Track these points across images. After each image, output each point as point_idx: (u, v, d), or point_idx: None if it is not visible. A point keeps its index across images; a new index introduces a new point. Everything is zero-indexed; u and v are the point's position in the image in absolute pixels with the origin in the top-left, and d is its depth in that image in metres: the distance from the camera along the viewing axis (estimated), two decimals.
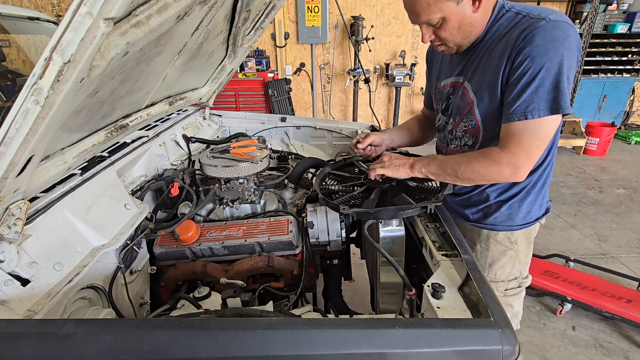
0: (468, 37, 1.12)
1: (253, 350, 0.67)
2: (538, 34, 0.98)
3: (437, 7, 1.02)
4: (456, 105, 1.26)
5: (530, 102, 1.00)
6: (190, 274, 1.31)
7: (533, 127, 1.01)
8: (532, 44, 0.99)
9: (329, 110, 6.32)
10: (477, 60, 1.16)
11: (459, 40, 1.12)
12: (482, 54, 1.14)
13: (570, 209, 3.93)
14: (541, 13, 1.02)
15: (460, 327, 0.71)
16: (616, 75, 6.08)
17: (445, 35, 1.10)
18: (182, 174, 1.52)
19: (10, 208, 0.82)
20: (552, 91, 0.98)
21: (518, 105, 1.02)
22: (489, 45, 1.12)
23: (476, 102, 1.17)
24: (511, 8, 1.10)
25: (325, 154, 2.31)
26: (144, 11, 0.81)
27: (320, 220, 1.38)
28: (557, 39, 0.97)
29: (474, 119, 1.20)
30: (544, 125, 1.02)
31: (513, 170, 1.06)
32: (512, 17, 1.08)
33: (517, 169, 1.05)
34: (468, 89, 1.20)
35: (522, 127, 1.02)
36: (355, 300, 2.47)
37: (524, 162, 1.04)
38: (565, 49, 0.97)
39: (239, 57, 1.96)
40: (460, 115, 1.25)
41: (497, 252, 1.35)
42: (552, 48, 0.97)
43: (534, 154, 1.05)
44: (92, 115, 1.11)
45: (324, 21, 5.56)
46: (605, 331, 2.34)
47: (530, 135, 1.02)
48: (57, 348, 0.68)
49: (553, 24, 0.98)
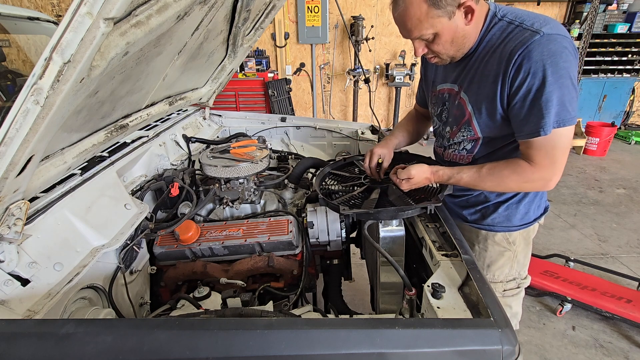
0: (461, 49, 1.11)
1: (253, 350, 0.67)
2: (534, 49, 0.98)
3: (429, 23, 1.00)
4: (452, 113, 1.26)
5: (541, 117, 1.00)
6: (190, 274, 1.31)
7: (553, 140, 1.02)
8: (531, 60, 0.98)
9: (329, 110, 6.32)
10: (472, 70, 1.15)
11: (452, 53, 1.12)
12: (477, 65, 1.13)
13: (570, 209, 3.93)
14: (534, 24, 1.01)
15: (460, 327, 0.71)
16: (616, 75, 6.07)
17: (438, 49, 1.09)
18: (182, 174, 1.52)
19: (10, 208, 0.82)
20: (558, 105, 0.99)
21: (531, 123, 1.02)
22: (482, 56, 1.11)
23: (474, 115, 1.17)
24: (503, 17, 1.08)
25: (325, 154, 2.31)
26: (144, 11, 0.81)
27: (320, 220, 1.38)
28: (554, 53, 0.97)
29: (472, 129, 1.20)
30: (562, 135, 1.02)
31: (544, 184, 1.09)
32: (505, 26, 1.06)
33: (548, 181, 1.07)
34: (465, 101, 1.19)
35: (543, 142, 1.03)
36: (355, 300, 2.47)
37: (553, 173, 1.06)
38: (564, 61, 0.97)
39: (239, 57, 1.96)
40: (457, 125, 1.24)
41: (495, 252, 1.35)
42: (552, 63, 0.97)
43: (561, 163, 1.06)
44: (92, 115, 1.11)
45: (324, 21, 5.56)
46: (605, 331, 2.34)
47: (554, 147, 1.03)
48: (57, 348, 0.68)
49: (547, 37, 0.97)
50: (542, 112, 1.00)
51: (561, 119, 1.00)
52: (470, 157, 1.26)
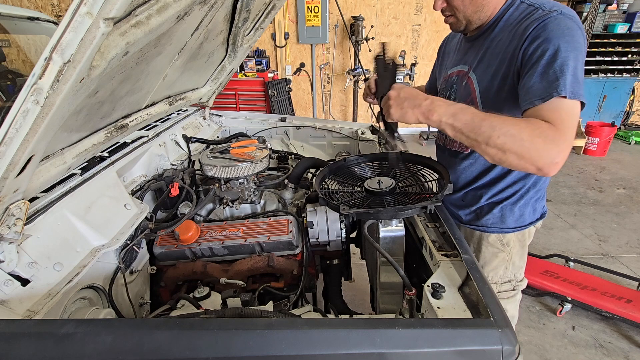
0: (479, 11, 1.11)
1: (253, 350, 0.67)
2: (551, 22, 0.97)
3: None
4: (459, 94, 1.25)
5: (555, 80, 0.92)
6: (190, 274, 1.31)
7: (566, 105, 0.91)
8: (546, 30, 0.97)
9: (329, 110, 6.32)
10: (483, 49, 1.16)
11: (469, 13, 1.11)
12: (489, 44, 1.14)
13: (570, 209, 3.93)
14: (554, 6, 1.02)
15: (460, 327, 0.71)
16: (616, 75, 6.08)
17: (457, 4, 1.09)
18: (182, 174, 1.52)
19: (10, 208, 0.82)
20: (571, 75, 0.92)
21: (543, 86, 0.93)
22: (496, 35, 1.12)
23: (479, 92, 1.16)
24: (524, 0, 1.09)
25: (325, 154, 2.31)
26: (144, 11, 0.81)
27: (320, 220, 1.38)
28: (570, 27, 0.96)
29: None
30: (575, 109, 0.92)
31: (556, 153, 0.88)
32: (525, 8, 1.07)
33: (559, 152, 0.88)
34: (473, 80, 1.18)
35: (555, 105, 0.91)
36: (355, 300, 2.47)
37: (565, 144, 0.88)
38: (579, 37, 0.97)
39: (239, 57, 1.96)
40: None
41: (489, 254, 1.35)
42: (569, 34, 0.95)
43: (571, 136, 0.90)
44: (92, 115, 1.11)
45: (324, 21, 5.57)
46: (605, 331, 2.34)
47: (567, 113, 0.90)
48: (57, 348, 0.68)
49: (565, 16, 0.98)
50: (556, 75, 0.92)
51: (575, 92, 0.91)
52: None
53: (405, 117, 0.99)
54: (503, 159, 0.93)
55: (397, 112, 1.00)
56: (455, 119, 0.94)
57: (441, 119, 0.95)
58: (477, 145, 0.93)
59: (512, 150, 0.89)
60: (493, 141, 0.90)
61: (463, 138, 0.95)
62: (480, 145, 0.93)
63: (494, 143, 0.90)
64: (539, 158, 0.88)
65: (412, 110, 0.98)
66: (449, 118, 0.94)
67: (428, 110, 0.97)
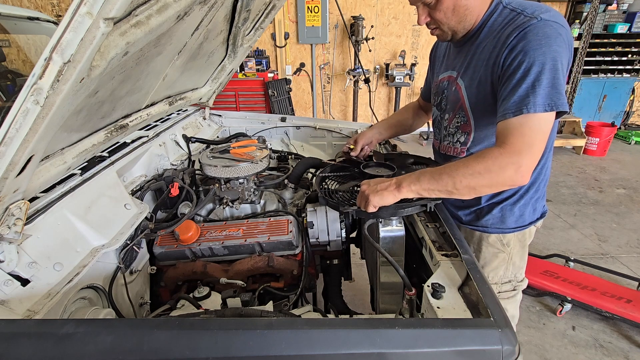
0: (462, 21, 1.12)
1: (253, 350, 0.67)
2: (530, 31, 0.99)
3: None
4: (450, 100, 1.27)
5: (526, 96, 0.96)
6: (190, 274, 1.31)
7: (532, 121, 0.96)
8: (525, 40, 0.99)
9: (329, 110, 6.32)
10: (469, 55, 1.17)
11: (453, 24, 1.12)
12: (475, 50, 1.15)
13: (570, 209, 3.93)
14: (535, 11, 1.02)
15: (460, 327, 0.71)
16: (616, 75, 6.08)
17: (439, 17, 1.11)
18: (182, 174, 1.52)
19: (10, 208, 0.82)
20: (548, 87, 0.96)
21: (514, 100, 0.98)
22: (481, 41, 1.13)
23: (467, 98, 1.18)
24: (508, 4, 1.10)
25: (325, 154, 2.31)
26: (144, 11, 0.81)
27: (320, 220, 1.38)
28: (549, 36, 0.97)
29: (465, 115, 1.21)
30: (542, 120, 0.96)
31: (515, 169, 0.94)
32: (507, 14, 1.09)
33: (519, 166, 0.94)
34: (461, 86, 1.20)
35: (522, 121, 0.96)
36: (355, 300, 2.47)
37: (526, 158, 0.95)
38: (558, 46, 0.97)
39: (239, 57, 1.96)
40: (453, 111, 1.26)
41: (489, 254, 1.35)
42: (545, 44, 0.97)
43: (536, 149, 0.96)
44: (92, 115, 1.11)
45: (324, 21, 5.57)
46: (605, 331, 2.34)
47: (531, 129, 0.96)
48: (56, 348, 0.68)
49: (544, 22, 0.99)
50: (528, 92, 0.96)
51: (554, 102, 0.95)
52: (464, 151, 1.27)
53: (384, 200, 1.03)
54: (480, 192, 1.02)
55: (376, 199, 1.02)
56: (420, 182, 1.01)
57: (410, 186, 1.01)
58: (451, 193, 1.00)
59: (480, 184, 0.98)
60: (459, 186, 0.98)
61: (438, 193, 1.01)
62: (453, 193, 1.00)
63: (461, 187, 0.98)
64: (505, 179, 0.97)
65: (386, 191, 1.02)
66: (416, 184, 1.01)
67: (398, 185, 1.02)
